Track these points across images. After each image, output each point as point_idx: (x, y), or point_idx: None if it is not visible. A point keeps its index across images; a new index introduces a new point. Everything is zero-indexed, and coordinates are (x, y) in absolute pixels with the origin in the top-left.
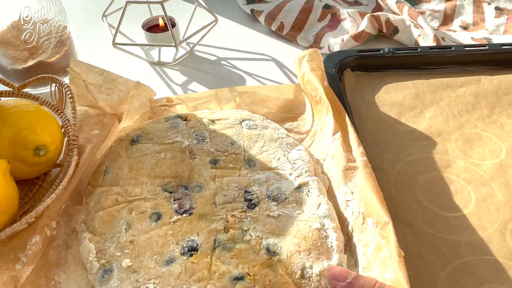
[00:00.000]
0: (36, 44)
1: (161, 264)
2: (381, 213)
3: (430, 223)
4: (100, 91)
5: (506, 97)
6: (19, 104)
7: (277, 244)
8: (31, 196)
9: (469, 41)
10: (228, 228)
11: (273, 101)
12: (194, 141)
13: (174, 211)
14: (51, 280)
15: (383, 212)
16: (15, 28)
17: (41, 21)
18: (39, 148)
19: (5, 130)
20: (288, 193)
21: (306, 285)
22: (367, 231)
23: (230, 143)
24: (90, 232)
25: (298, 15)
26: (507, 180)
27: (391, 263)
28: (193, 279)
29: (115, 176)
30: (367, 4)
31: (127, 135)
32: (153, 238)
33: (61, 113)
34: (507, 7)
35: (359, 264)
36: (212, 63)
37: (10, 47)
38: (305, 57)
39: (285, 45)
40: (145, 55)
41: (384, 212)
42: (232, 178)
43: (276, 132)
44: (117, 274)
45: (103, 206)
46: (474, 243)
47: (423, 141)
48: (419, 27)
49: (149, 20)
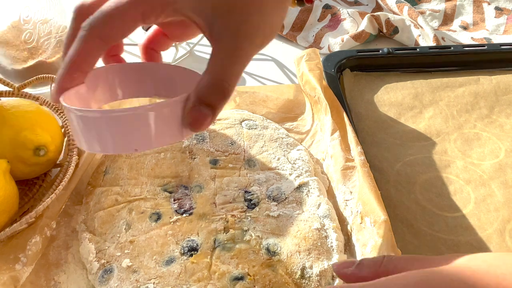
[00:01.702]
0: (36, 44)
1: (161, 264)
2: (378, 212)
3: (430, 223)
4: None
5: (505, 97)
6: (19, 104)
7: (277, 244)
8: (31, 196)
9: (469, 41)
10: (228, 228)
11: (273, 101)
12: (194, 141)
13: (174, 211)
14: (51, 280)
15: (380, 211)
16: (15, 28)
17: (41, 21)
18: (39, 148)
19: (5, 130)
20: (288, 193)
21: (306, 285)
22: (365, 230)
23: (230, 143)
24: (90, 232)
25: (298, 15)
26: (506, 180)
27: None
28: (193, 279)
29: (115, 176)
30: (367, 4)
31: None
32: (153, 238)
33: (61, 113)
34: (507, 7)
35: None
36: None
37: (10, 47)
38: (303, 57)
39: (285, 45)
40: None
41: (381, 211)
42: (232, 178)
43: (276, 132)
44: (117, 274)
45: (103, 206)
46: (473, 243)
47: (422, 141)
48: (419, 27)
49: None
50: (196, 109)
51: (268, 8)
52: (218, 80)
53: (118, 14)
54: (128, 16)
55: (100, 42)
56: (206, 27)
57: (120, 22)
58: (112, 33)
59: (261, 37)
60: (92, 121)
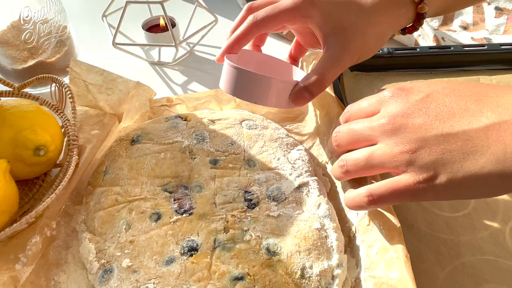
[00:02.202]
0: (36, 44)
1: (161, 264)
2: (390, 216)
3: (430, 223)
4: (100, 91)
5: None
6: (19, 104)
7: (277, 244)
8: (31, 196)
9: (469, 41)
10: (228, 228)
11: None
12: (194, 141)
13: (174, 211)
14: (51, 280)
15: (391, 216)
16: (15, 28)
17: (41, 21)
18: (39, 148)
19: (5, 130)
20: (288, 193)
21: (306, 285)
22: (372, 232)
23: (230, 143)
24: (90, 232)
25: None
26: None
27: (397, 263)
28: (193, 279)
29: (115, 176)
30: None
31: (127, 135)
32: (153, 238)
33: (61, 113)
34: (507, 7)
35: (361, 265)
36: (212, 63)
37: (10, 47)
38: (312, 56)
39: (285, 45)
40: (145, 55)
41: (392, 216)
42: (232, 178)
43: (276, 132)
44: (117, 274)
45: (103, 206)
46: (473, 243)
47: None
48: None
49: (149, 20)
50: (301, 91)
51: (371, 35)
52: (320, 77)
53: (274, 15)
54: (280, 18)
55: (256, 30)
56: (323, 39)
57: (273, 20)
58: (266, 26)
59: (358, 54)
60: (240, 74)
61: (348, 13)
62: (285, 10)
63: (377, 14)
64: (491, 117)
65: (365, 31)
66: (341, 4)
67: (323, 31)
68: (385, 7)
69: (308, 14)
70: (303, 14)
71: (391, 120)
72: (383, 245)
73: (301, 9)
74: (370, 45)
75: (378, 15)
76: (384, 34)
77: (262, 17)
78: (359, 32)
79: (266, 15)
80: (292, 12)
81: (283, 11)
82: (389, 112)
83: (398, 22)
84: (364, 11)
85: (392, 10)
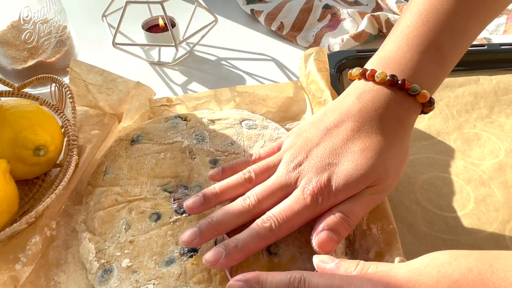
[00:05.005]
0: (36, 44)
1: (161, 264)
2: (386, 219)
3: (429, 223)
4: (100, 91)
5: (505, 97)
6: (19, 104)
7: (277, 246)
8: (31, 196)
9: None
10: None
11: (272, 100)
12: (194, 141)
13: (174, 211)
14: (51, 280)
15: (388, 218)
16: (15, 28)
17: (41, 21)
18: (39, 148)
19: (5, 130)
20: None
21: None
22: (370, 237)
23: (230, 143)
24: (90, 232)
25: (298, 15)
26: (506, 180)
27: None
28: (193, 281)
29: (115, 176)
30: (367, 4)
31: (127, 135)
32: (153, 238)
33: (61, 113)
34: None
35: None
36: (212, 63)
37: (10, 47)
38: (312, 55)
39: (285, 45)
40: (145, 55)
41: (389, 218)
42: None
43: (276, 132)
44: (117, 274)
45: (103, 206)
46: (473, 243)
47: (422, 141)
48: None
49: (149, 20)
50: (325, 233)
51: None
52: (345, 215)
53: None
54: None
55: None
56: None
57: (292, 228)
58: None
59: (383, 196)
60: None
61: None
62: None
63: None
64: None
65: (389, 186)
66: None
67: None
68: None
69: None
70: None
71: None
72: (380, 249)
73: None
74: (392, 184)
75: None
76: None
77: (280, 229)
78: (385, 184)
79: (281, 226)
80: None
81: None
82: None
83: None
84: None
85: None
